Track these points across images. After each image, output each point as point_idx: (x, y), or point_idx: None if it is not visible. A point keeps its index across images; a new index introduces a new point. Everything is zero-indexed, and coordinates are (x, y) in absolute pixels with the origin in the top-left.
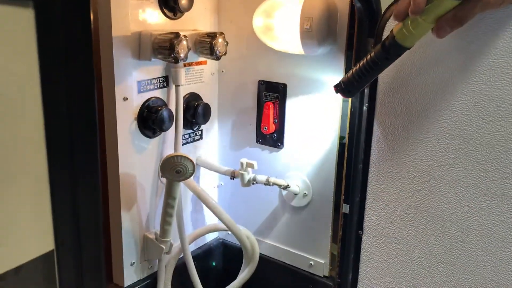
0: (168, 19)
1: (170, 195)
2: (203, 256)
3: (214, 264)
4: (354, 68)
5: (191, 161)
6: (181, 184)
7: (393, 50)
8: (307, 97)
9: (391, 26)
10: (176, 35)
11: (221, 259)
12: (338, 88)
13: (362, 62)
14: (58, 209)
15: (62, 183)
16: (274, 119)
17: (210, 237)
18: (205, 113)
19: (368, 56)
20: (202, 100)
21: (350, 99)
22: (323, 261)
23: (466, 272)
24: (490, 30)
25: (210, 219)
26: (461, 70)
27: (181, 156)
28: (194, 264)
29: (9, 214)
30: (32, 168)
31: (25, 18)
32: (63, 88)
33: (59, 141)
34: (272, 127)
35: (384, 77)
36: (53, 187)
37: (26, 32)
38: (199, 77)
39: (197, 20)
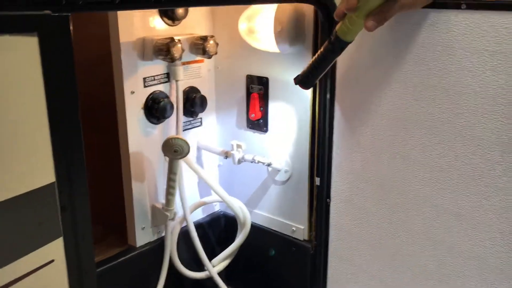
0: (168, 26)
1: (171, 171)
2: (207, 225)
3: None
4: (309, 62)
5: (186, 142)
6: (182, 162)
7: (337, 44)
8: (285, 88)
9: None
10: (172, 39)
11: (222, 228)
12: (297, 80)
13: (314, 57)
14: (56, 155)
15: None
16: (259, 107)
17: (214, 209)
18: (202, 103)
19: (319, 52)
20: (200, 92)
21: (317, 90)
22: (303, 227)
23: (405, 231)
24: (412, 30)
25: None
26: (394, 63)
27: (178, 138)
28: (199, 231)
29: (29, 162)
30: (40, 134)
31: (33, 42)
32: (58, 82)
33: (58, 122)
34: (258, 114)
35: (341, 73)
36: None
37: (34, 49)
38: (197, 73)
39: (194, 25)
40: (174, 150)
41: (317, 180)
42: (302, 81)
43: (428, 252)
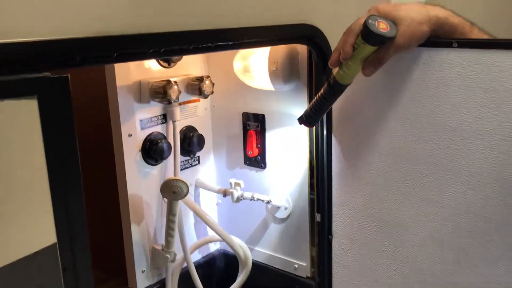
0: (163, 68)
1: (170, 212)
2: (207, 265)
3: None
4: (311, 103)
5: (185, 183)
6: (181, 202)
7: (336, 88)
8: (281, 124)
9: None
10: (168, 81)
11: (223, 267)
12: (301, 120)
13: (316, 98)
14: (57, 216)
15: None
16: (257, 144)
17: (213, 248)
18: (199, 143)
19: (319, 93)
20: (197, 131)
21: (314, 126)
22: (305, 264)
23: (409, 267)
24: (406, 68)
25: (211, 231)
26: (389, 100)
27: (177, 180)
28: (199, 271)
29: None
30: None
31: (33, 105)
32: (58, 143)
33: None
34: (256, 151)
35: (337, 109)
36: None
37: (34, 112)
38: (193, 113)
39: (189, 66)
40: (173, 192)
41: (318, 217)
42: (307, 121)
43: None
